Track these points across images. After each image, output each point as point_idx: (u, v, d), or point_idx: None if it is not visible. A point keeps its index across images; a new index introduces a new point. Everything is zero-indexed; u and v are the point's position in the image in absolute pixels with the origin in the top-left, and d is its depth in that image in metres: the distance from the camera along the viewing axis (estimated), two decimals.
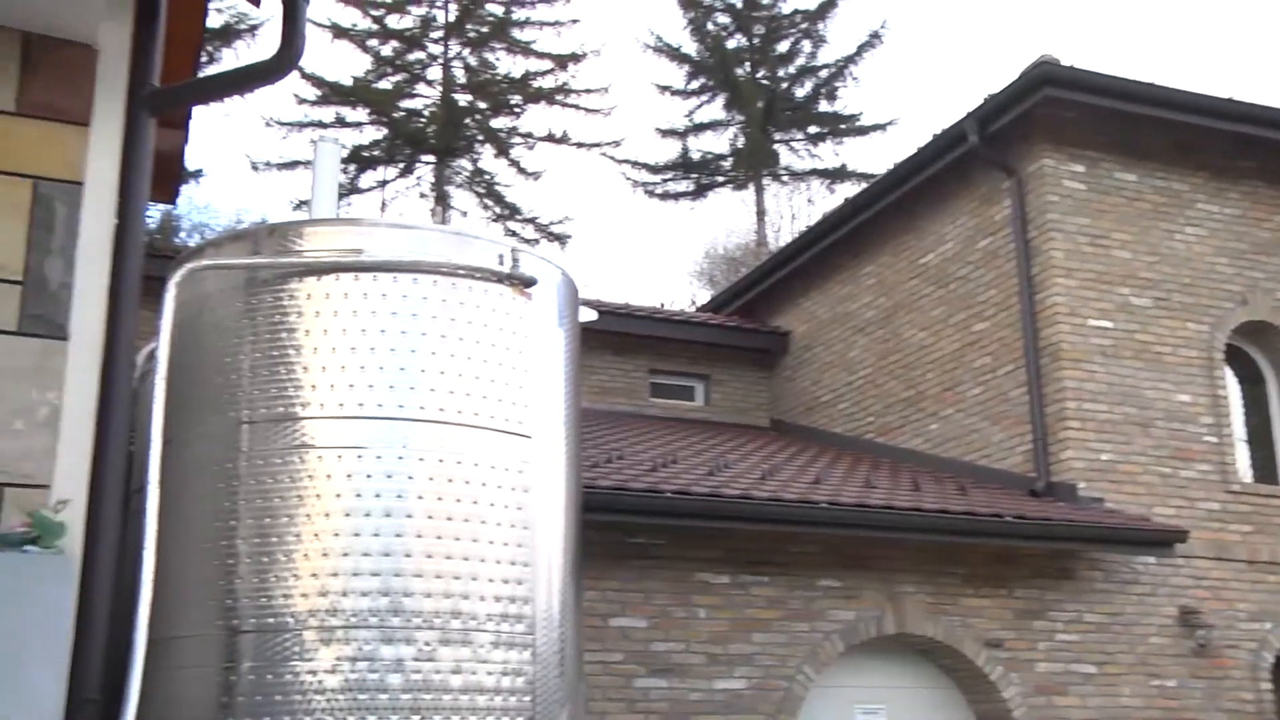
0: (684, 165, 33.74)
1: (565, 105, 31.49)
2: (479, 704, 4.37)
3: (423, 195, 30.78)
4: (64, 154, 4.48)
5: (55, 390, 4.30)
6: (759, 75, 33.43)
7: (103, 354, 4.40)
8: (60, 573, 3.81)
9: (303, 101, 29.83)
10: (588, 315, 5.60)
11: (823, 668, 9.07)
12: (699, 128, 33.87)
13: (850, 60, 32.88)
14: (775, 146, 33.13)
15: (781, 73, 33.56)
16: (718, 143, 33.90)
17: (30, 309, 4.32)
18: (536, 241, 29.82)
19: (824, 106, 33.29)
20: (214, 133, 35.90)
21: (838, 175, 32.76)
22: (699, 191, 33.96)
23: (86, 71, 4.57)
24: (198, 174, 26.51)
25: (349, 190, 29.63)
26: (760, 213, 33.54)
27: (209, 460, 4.56)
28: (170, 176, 6.64)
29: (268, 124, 29.90)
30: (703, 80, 33.85)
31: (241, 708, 4.23)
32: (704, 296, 28.57)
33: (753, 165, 32.85)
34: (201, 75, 5.16)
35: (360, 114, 30.48)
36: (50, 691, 3.18)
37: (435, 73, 31.11)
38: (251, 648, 4.29)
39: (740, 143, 33.24)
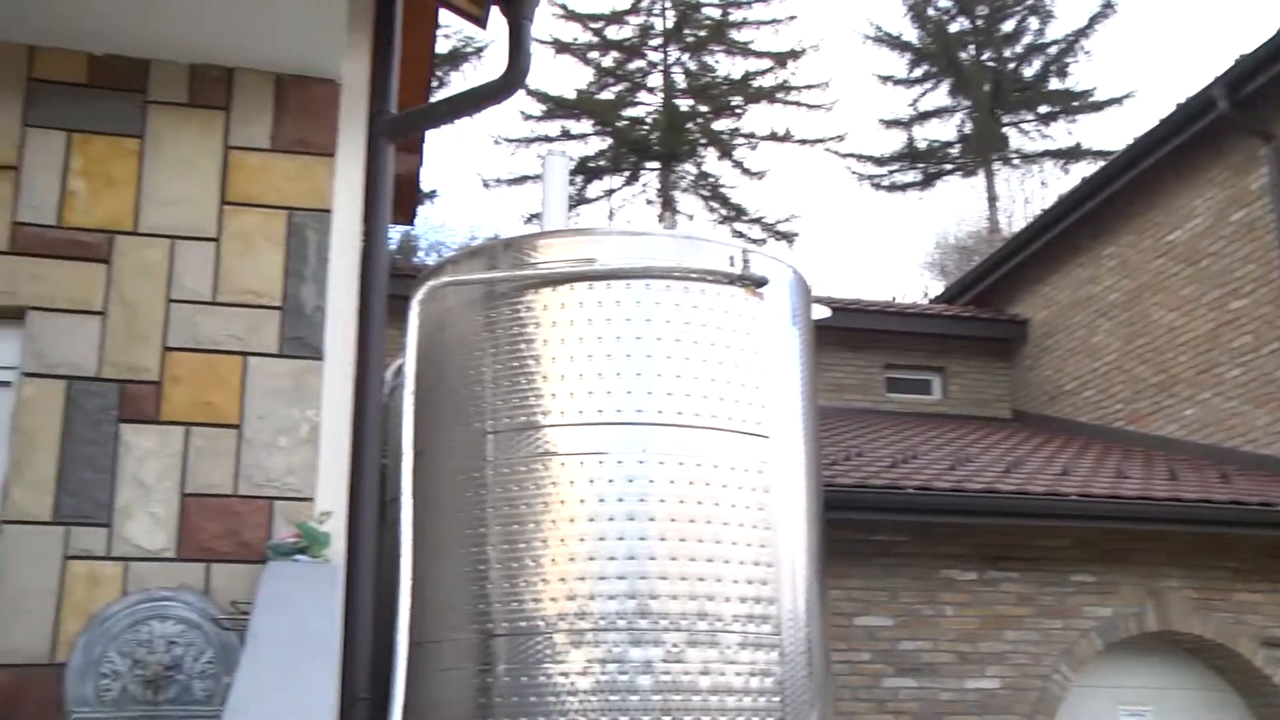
0: (910, 155, 33.06)
1: (786, 103, 31.30)
2: (728, 705, 4.38)
3: (649, 202, 31.13)
4: (314, 185, 4.73)
5: (314, 408, 4.54)
6: (984, 57, 32.47)
7: (355, 372, 4.63)
8: (328, 579, 4.02)
9: (529, 117, 30.60)
10: (821, 312, 5.55)
11: (1080, 666, 8.71)
12: (924, 116, 33.14)
13: (1081, 34, 31.56)
14: (1004, 129, 32.10)
15: (1008, 53, 32.49)
16: (944, 130, 33.10)
17: (289, 332, 4.58)
18: (764, 241, 29.74)
19: (1054, 84, 32.04)
20: (446, 153, 37.21)
21: (1072, 155, 31.48)
22: (927, 181, 33.22)
23: (331, 105, 4.81)
24: (432, 194, 27.54)
25: (577, 201, 30.23)
26: (992, 198, 32.57)
27: (457, 470, 4.72)
28: (408, 198, 6.93)
29: (496, 141, 30.81)
30: (926, 67, 33.11)
31: (499, 708, 4.36)
32: (937, 288, 27.93)
33: (982, 150, 31.93)
34: (434, 100, 5.36)
35: (585, 125, 31.06)
36: (325, 689, 3.36)
37: (656, 80, 31.43)
38: (505, 651, 4.42)
39: (968, 128, 32.35)
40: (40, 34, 4.57)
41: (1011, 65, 32.36)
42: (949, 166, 33.15)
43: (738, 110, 31.54)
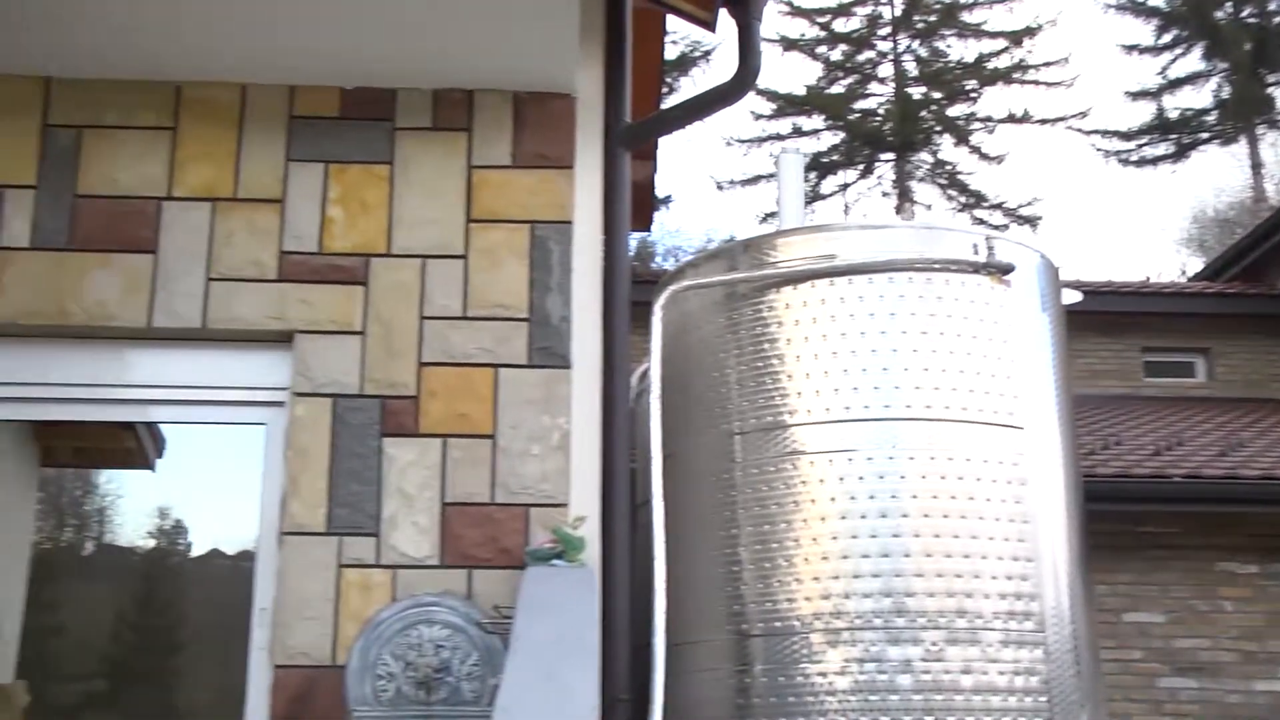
0: (1160, 127, 31.44)
1: (1024, 83, 30.29)
2: (992, 705, 4.25)
3: (885, 194, 30.66)
4: (554, 197, 4.85)
5: (564, 416, 4.65)
6: (1242, 15, 30.56)
7: (601, 378, 4.71)
8: (586, 583, 4.11)
9: (759, 117, 30.59)
10: (1071, 297, 5.34)
11: None
12: (1174, 84, 31.45)
13: None
14: (1268, 90, 30.13)
15: (1273, 5, 30.42)
16: (1198, 97, 31.34)
17: (537, 343, 4.71)
18: (1006, 227, 28.84)
19: None
20: (678, 158, 37.56)
21: None
22: (1180, 152, 31.52)
23: (567, 118, 4.92)
24: (667, 200, 27.89)
25: (812, 197, 30.04)
26: (1256, 165, 30.65)
27: (706, 472, 4.75)
28: (644, 205, 7.03)
29: (728, 143, 30.92)
30: (1175, 32, 31.42)
31: (758, 709, 4.36)
32: (1196, 265, 26.49)
33: (1242, 115, 30.06)
34: (666, 107, 5.41)
35: (816, 121, 30.84)
36: (588, 690, 3.43)
37: (886, 70, 30.92)
38: (761, 651, 4.42)
39: (1225, 93, 30.53)
40: (297, 74, 4.84)
41: (1277, 20, 30.28)
42: (1205, 135, 31.34)
43: (973, 94, 30.71)
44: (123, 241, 4.73)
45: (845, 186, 30.97)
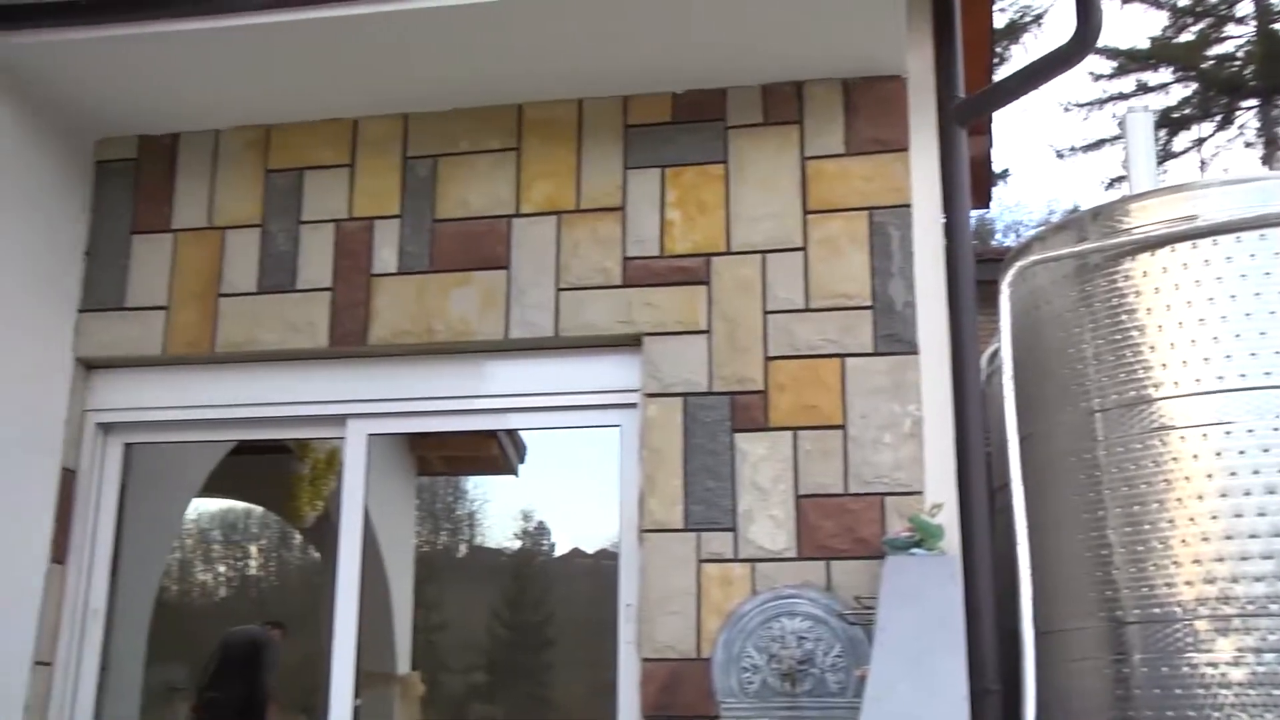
0: None
1: None
2: None
3: (1248, 145, 28.37)
4: (890, 182, 4.78)
5: (914, 402, 4.57)
6: None
7: (950, 362, 4.59)
8: (947, 571, 4.02)
9: (1099, 77, 28.98)
10: None
11: None
12: None
13: None
14: None
15: None
16: None
17: (882, 330, 4.65)
18: None
19: None
20: (1013, 129, 36.21)
21: None
22: None
23: (899, 100, 4.84)
24: (1004, 174, 26.91)
25: (1163, 157, 28.18)
26: None
27: (1066, 452, 4.55)
28: (981, 182, 6.79)
29: (1066, 108, 29.48)
30: None
31: (1139, 700, 4.13)
32: None
33: None
34: (1000, 78, 5.22)
35: (1164, 75, 28.90)
36: (957, 679, 3.36)
37: (1245, 7, 28.64)
38: (1139, 639, 4.18)
39: None
40: (630, 84, 4.99)
41: None
42: None
43: None
44: (478, 260, 5.02)
45: (1200, 142, 28.89)
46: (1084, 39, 4.58)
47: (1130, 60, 28.74)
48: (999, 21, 25.37)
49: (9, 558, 4.81)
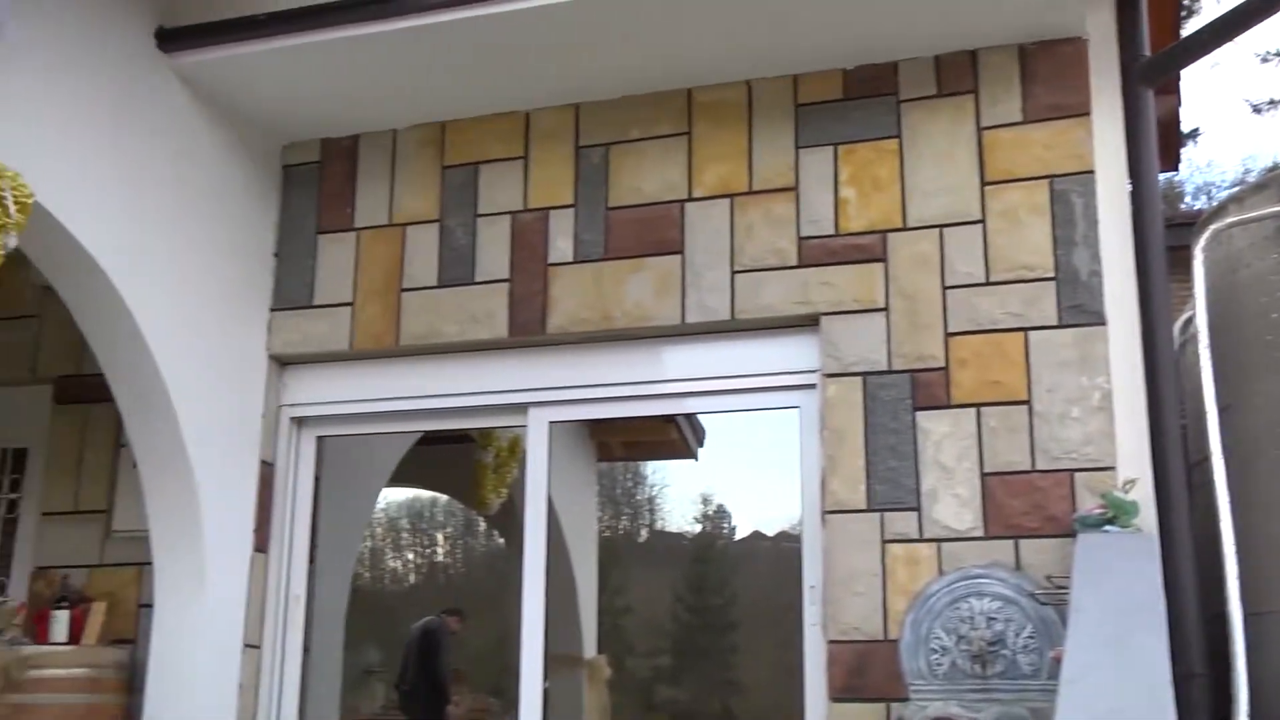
0: None
1: None
2: None
3: None
4: (1072, 148, 4.63)
5: (1103, 374, 4.42)
6: None
7: (1141, 332, 4.42)
8: (1144, 549, 3.88)
9: None
10: None
11: None
12: None
13: None
14: None
15: None
16: None
17: (1066, 301, 4.51)
18: None
19: None
20: (1203, 86, 34.57)
21: None
22: None
23: (1079, 63, 4.68)
24: (1194, 134, 25.73)
25: None
26: None
27: (1272, 423, 4.34)
28: (1170, 143, 6.51)
29: (1263, 59, 28.05)
30: None
31: None
32: None
33: None
34: (1187, 33, 4.98)
35: None
36: (1159, 662, 3.23)
37: None
38: None
39: None
40: (800, 63, 4.94)
41: None
42: None
43: None
44: (653, 245, 5.05)
45: None
46: None
47: None
48: None
49: (220, 547, 5.04)
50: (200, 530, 4.94)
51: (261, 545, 5.34)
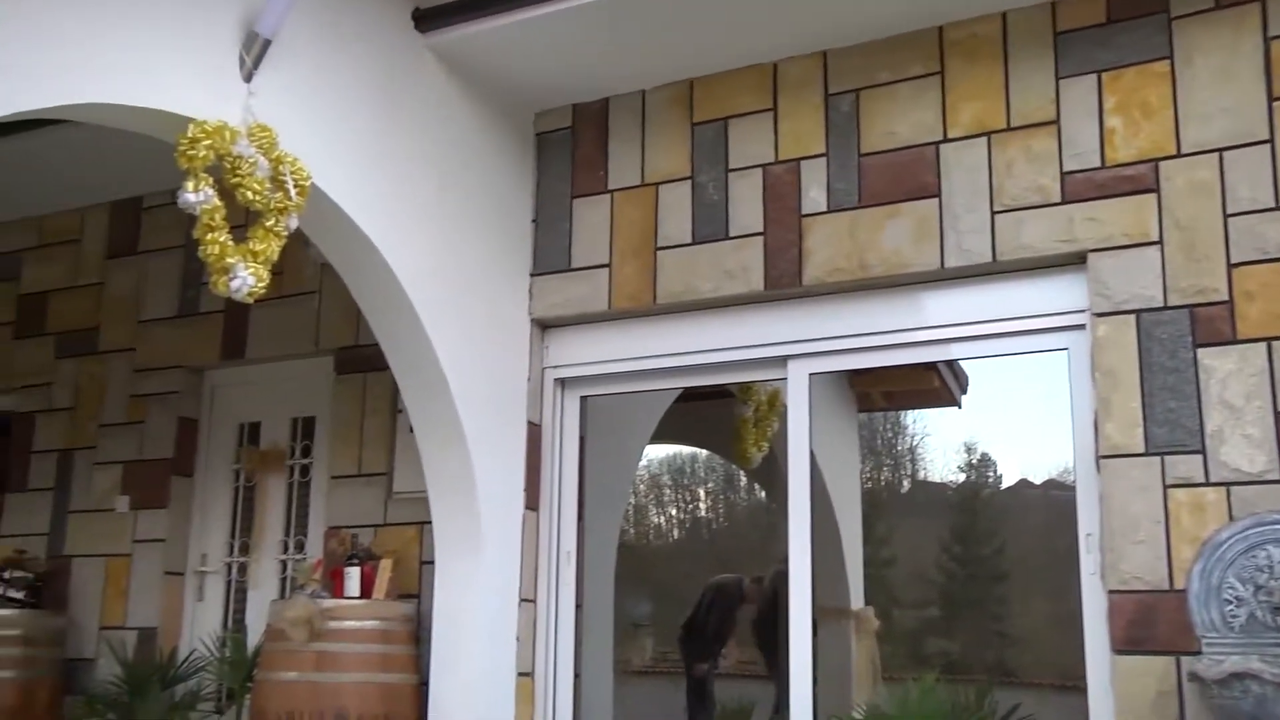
0: None
1: None
2: None
3: None
4: None
5: None
6: None
7: None
8: None
9: None
10: None
11: None
12: None
13: None
14: None
15: None
16: None
17: None
18: None
19: None
20: None
21: None
22: None
23: None
24: None
25: None
26: None
27: None
28: None
29: None
30: None
31: None
32: None
33: None
34: None
35: None
36: None
37: None
38: None
39: None
40: None
41: None
42: None
43: None
44: (908, 190, 4.93)
45: None
46: None
47: None
48: None
49: (493, 506, 5.24)
50: (474, 490, 5.14)
51: (532, 504, 5.52)
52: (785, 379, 5.24)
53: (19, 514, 6.89)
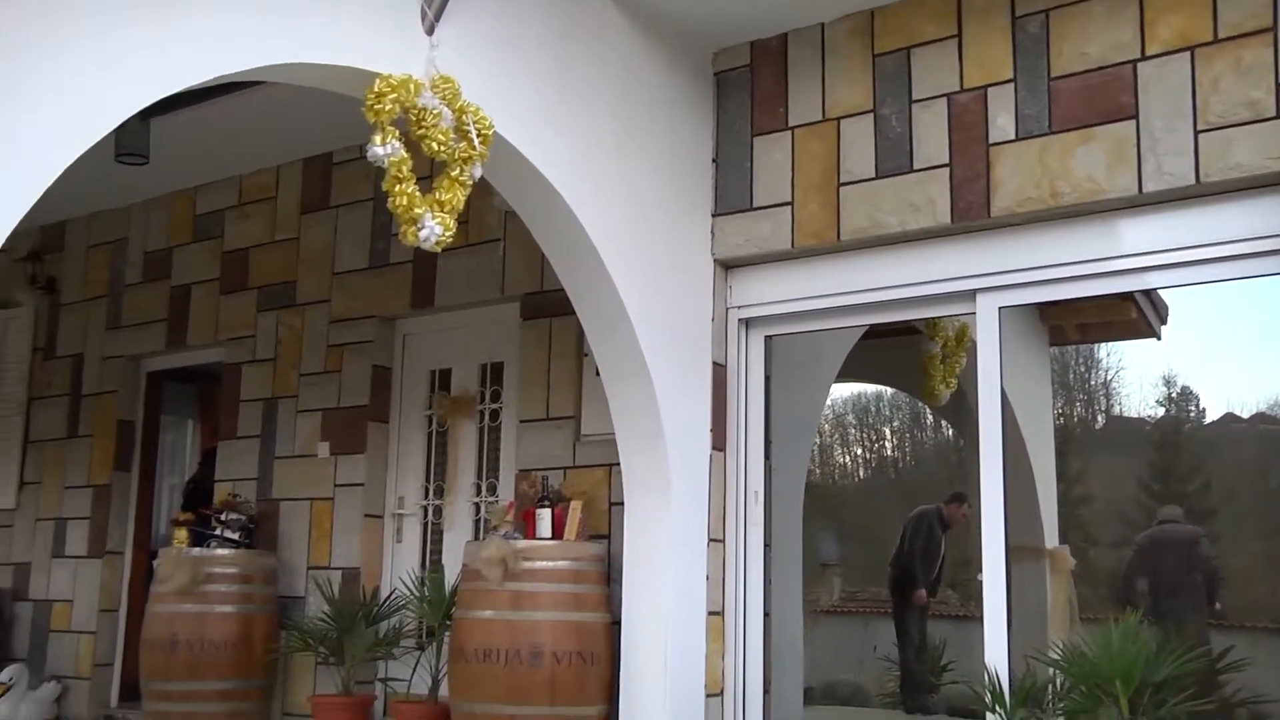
0: None
1: None
2: None
3: None
4: None
5: None
6: None
7: None
8: None
9: None
10: None
11: None
12: None
13: None
14: None
15: None
16: None
17: None
18: None
19: None
20: None
21: None
22: None
23: None
24: None
25: None
26: None
27: None
28: None
29: None
30: None
31: None
32: None
33: None
34: None
35: None
36: None
37: None
38: None
39: None
40: None
41: None
42: None
43: None
44: (1102, 113, 4.72)
45: None
46: None
47: None
48: None
49: (680, 447, 5.27)
50: (661, 431, 5.17)
51: (719, 444, 5.53)
52: (974, 313, 5.11)
53: (231, 460, 7.25)
